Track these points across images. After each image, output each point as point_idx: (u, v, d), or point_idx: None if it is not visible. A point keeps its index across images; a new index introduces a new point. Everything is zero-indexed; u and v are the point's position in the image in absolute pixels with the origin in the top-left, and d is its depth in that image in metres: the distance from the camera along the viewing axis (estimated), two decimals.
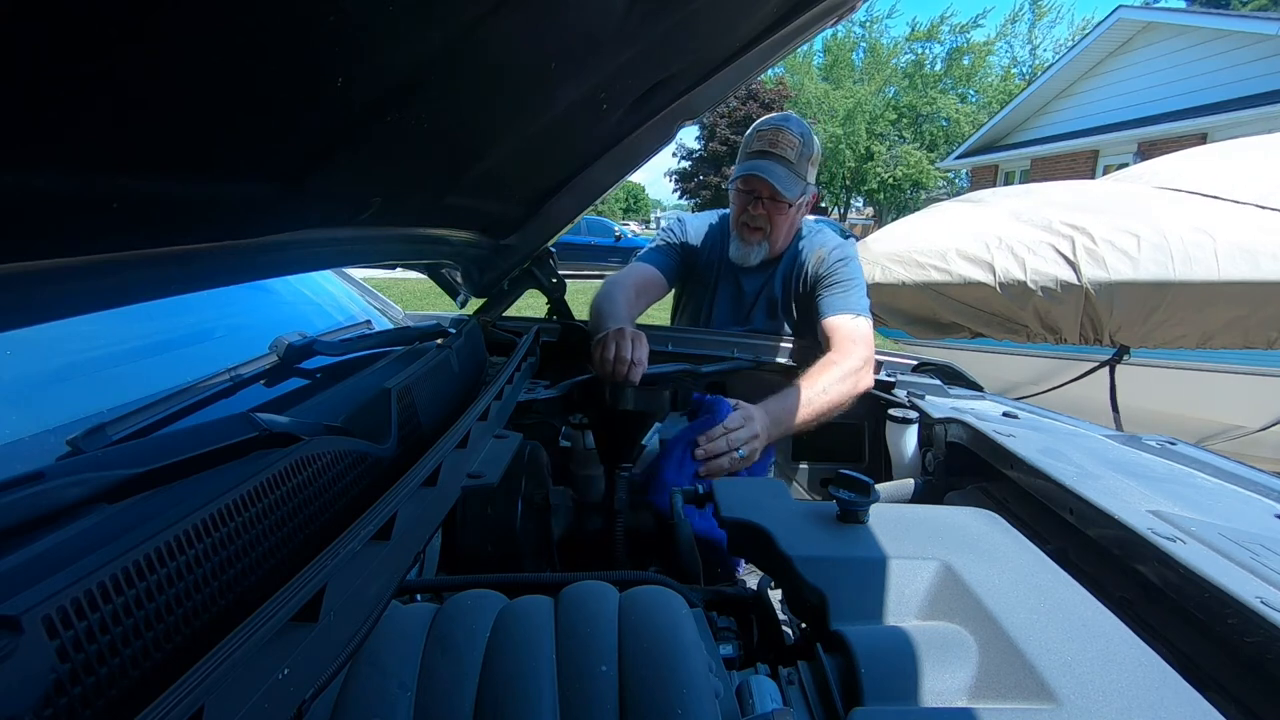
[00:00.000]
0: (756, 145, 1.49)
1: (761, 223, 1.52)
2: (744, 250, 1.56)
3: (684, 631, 0.52)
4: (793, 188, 1.46)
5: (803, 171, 1.49)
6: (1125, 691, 0.48)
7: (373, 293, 1.62)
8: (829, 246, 1.53)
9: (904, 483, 1.23)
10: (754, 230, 1.53)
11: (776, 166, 1.45)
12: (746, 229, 1.54)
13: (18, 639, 0.28)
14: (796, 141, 1.47)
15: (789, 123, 1.50)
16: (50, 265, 0.45)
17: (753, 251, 1.56)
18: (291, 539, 0.50)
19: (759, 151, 1.48)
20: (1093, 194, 2.81)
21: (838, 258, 1.50)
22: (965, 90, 24.21)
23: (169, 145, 0.44)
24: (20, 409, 0.64)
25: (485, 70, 0.62)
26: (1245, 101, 9.48)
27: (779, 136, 1.47)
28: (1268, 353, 2.24)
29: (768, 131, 1.49)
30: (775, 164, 1.45)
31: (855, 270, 1.51)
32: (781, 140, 1.46)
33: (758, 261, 1.58)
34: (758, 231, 1.53)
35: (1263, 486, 0.93)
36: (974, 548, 0.68)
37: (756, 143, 1.50)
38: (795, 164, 1.47)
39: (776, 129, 1.48)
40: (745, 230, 1.55)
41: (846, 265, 1.49)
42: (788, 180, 1.45)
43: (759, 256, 1.56)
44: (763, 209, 1.50)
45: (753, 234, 1.54)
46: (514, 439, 0.89)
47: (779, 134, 1.47)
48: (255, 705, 0.35)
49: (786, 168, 1.46)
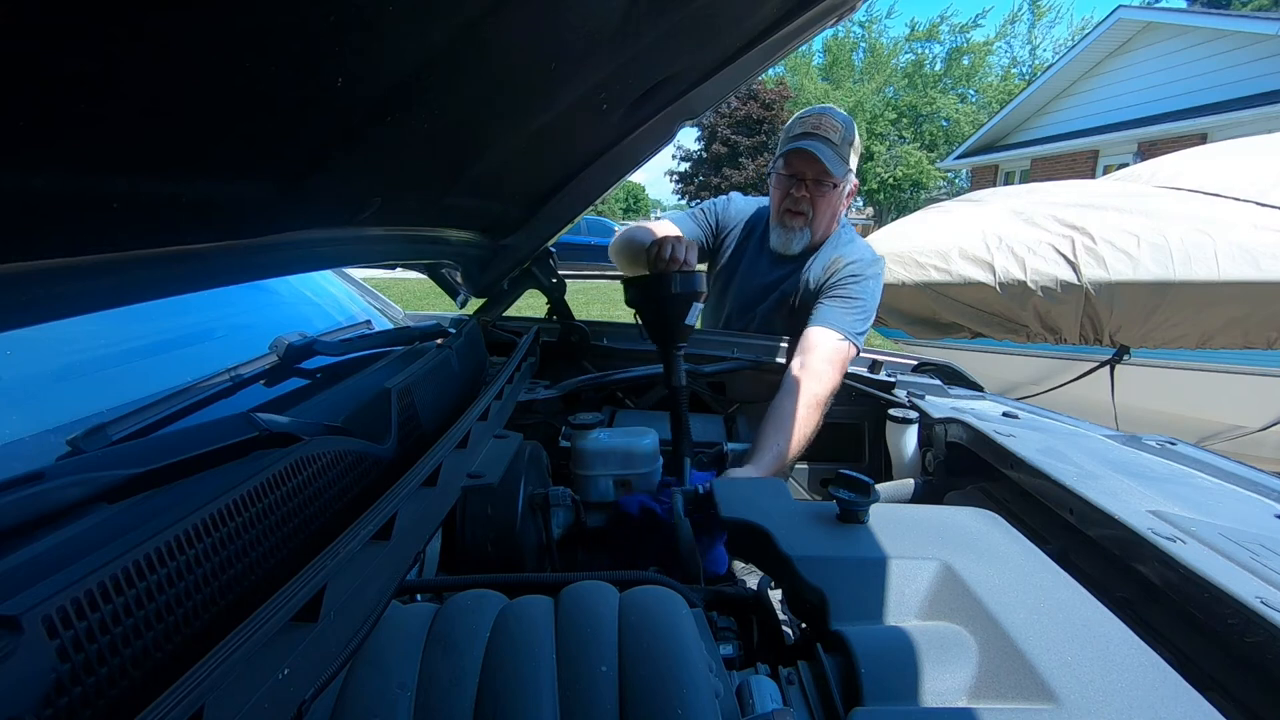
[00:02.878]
0: (799, 129, 1.47)
1: (804, 206, 1.48)
2: (785, 237, 1.52)
3: (684, 631, 0.52)
4: (839, 166, 1.44)
5: (845, 155, 1.47)
6: (1125, 691, 0.48)
7: (373, 293, 1.62)
8: (850, 257, 1.48)
9: (904, 483, 1.23)
10: (796, 215, 1.50)
11: (823, 146, 1.43)
12: (789, 214, 1.50)
13: (18, 639, 0.28)
14: (839, 126, 1.46)
15: (830, 110, 1.49)
16: (50, 265, 0.45)
17: (794, 238, 1.51)
18: (292, 539, 0.50)
19: (802, 134, 1.46)
20: (1093, 193, 2.81)
21: (853, 272, 1.45)
22: (965, 90, 24.22)
23: (169, 145, 0.44)
24: (20, 409, 0.64)
25: (485, 70, 0.62)
26: (1245, 101, 9.48)
27: (822, 120, 1.46)
28: (1268, 352, 2.24)
29: (810, 117, 1.48)
30: (821, 144, 1.43)
31: (867, 291, 1.44)
32: (824, 124, 1.45)
33: (799, 249, 1.53)
34: (800, 216, 1.49)
35: (1263, 486, 0.93)
36: (974, 548, 0.68)
37: (799, 127, 1.48)
38: (839, 146, 1.45)
39: (819, 115, 1.48)
40: (787, 216, 1.51)
41: (859, 283, 1.44)
42: (834, 160, 1.43)
43: (800, 244, 1.52)
44: (805, 191, 1.47)
45: (795, 218, 1.50)
46: (514, 439, 0.89)
47: (822, 119, 1.47)
48: (255, 705, 0.35)
49: (832, 149, 1.44)
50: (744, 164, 20.55)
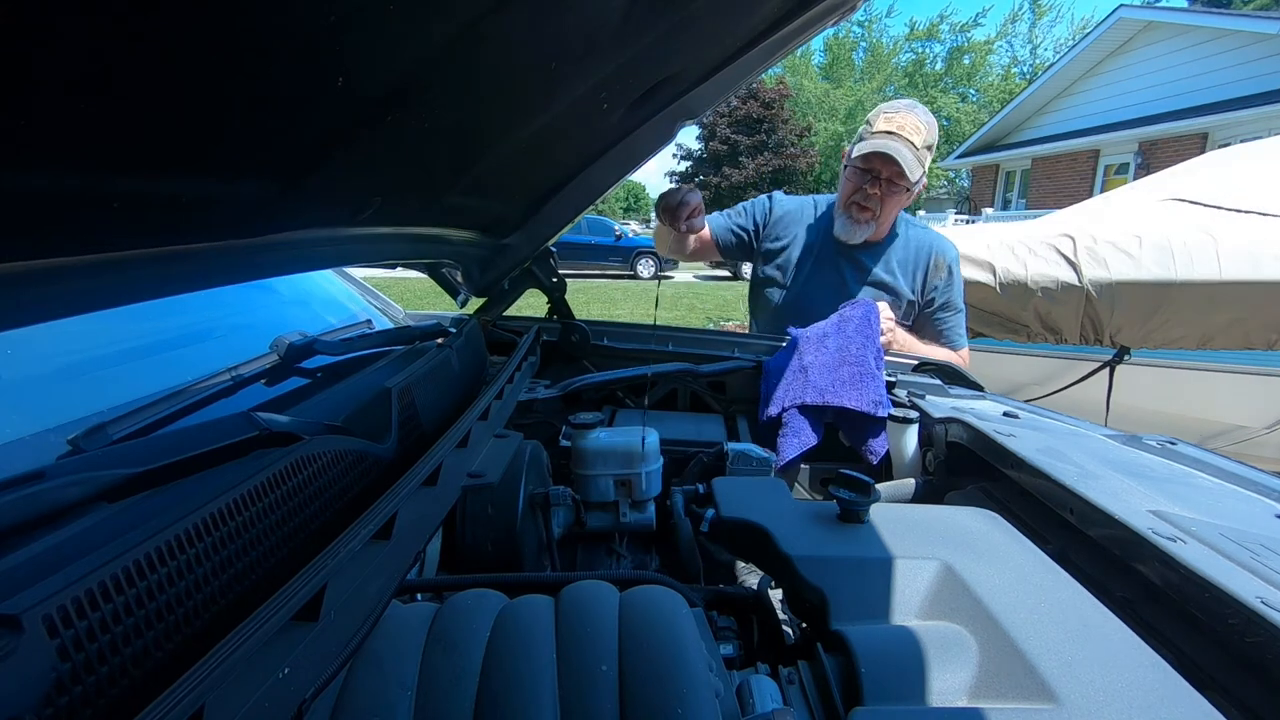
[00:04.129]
0: (882, 126, 1.47)
1: (874, 204, 1.52)
2: (850, 228, 1.57)
3: (684, 631, 0.52)
4: (915, 171, 1.45)
5: (923, 159, 1.48)
6: (1125, 691, 0.48)
7: (373, 292, 1.62)
8: (949, 256, 1.62)
9: (904, 483, 1.22)
10: (864, 209, 1.54)
11: (904, 149, 1.44)
12: (857, 207, 1.55)
13: (18, 638, 0.28)
14: (922, 128, 1.46)
15: (916, 110, 1.49)
16: (50, 265, 0.45)
17: (859, 230, 1.57)
18: (292, 538, 0.50)
19: (885, 132, 1.46)
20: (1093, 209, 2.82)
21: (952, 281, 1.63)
22: (966, 89, 24.22)
23: (169, 145, 0.44)
24: (21, 408, 0.64)
25: (485, 70, 0.62)
26: (1245, 101, 9.48)
27: (907, 120, 1.46)
28: (1269, 353, 2.23)
29: (895, 114, 1.48)
30: (903, 146, 1.44)
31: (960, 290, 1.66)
32: (908, 125, 1.45)
33: (861, 240, 1.59)
34: (867, 211, 1.54)
35: (1263, 486, 0.93)
36: (974, 548, 0.68)
37: (883, 123, 1.48)
38: (919, 150, 1.46)
39: (905, 113, 1.47)
40: (855, 209, 1.55)
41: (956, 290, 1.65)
42: (912, 164, 1.44)
43: (863, 235, 1.58)
44: (878, 190, 1.50)
45: (862, 212, 1.54)
46: (514, 439, 0.89)
47: (907, 118, 1.46)
48: (256, 704, 0.35)
49: (912, 152, 1.45)
50: (744, 163, 20.53)
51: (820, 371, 1.30)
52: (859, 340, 1.33)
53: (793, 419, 1.27)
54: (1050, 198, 12.42)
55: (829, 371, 1.30)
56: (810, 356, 1.34)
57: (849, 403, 1.23)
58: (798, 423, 1.26)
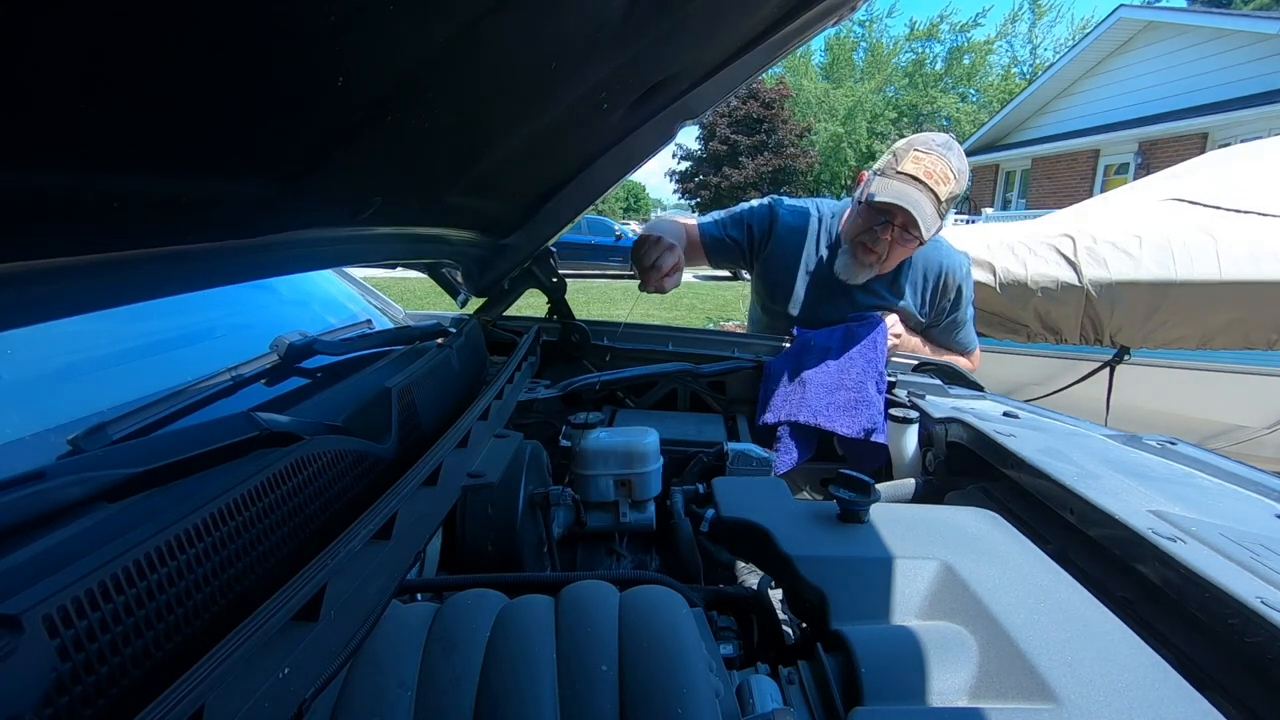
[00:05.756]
0: (910, 168, 1.35)
1: (882, 249, 1.43)
2: (853, 268, 1.50)
3: (684, 631, 0.52)
4: (931, 226, 1.36)
5: (944, 211, 1.39)
6: (1125, 691, 0.48)
7: (373, 292, 1.62)
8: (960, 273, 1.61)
9: (904, 483, 1.22)
10: (870, 251, 1.45)
11: (925, 203, 1.33)
12: (863, 248, 1.46)
13: (18, 638, 0.28)
14: (952, 178, 1.36)
15: (950, 153, 1.37)
16: (50, 265, 0.45)
17: (862, 272, 1.50)
18: (292, 538, 0.50)
19: (911, 176, 1.35)
20: (1093, 209, 2.82)
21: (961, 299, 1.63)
22: (966, 89, 24.23)
23: (168, 145, 0.44)
24: (21, 408, 0.64)
25: (485, 70, 0.62)
26: (1245, 101, 9.48)
27: (936, 167, 1.34)
28: (1269, 353, 2.23)
29: (926, 156, 1.36)
30: (925, 199, 1.33)
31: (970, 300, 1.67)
32: (937, 172, 1.34)
33: (862, 281, 1.53)
34: (873, 254, 1.45)
35: (1263, 486, 0.93)
36: (974, 548, 0.68)
37: (910, 164, 1.36)
38: (943, 202, 1.36)
39: (938, 158, 1.36)
40: (861, 250, 1.47)
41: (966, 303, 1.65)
42: (930, 219, 1.34)
43: (865, 278, 1.51)
44: (889, 235, 1.41)
45: (868, 254, 1.46)
46: (514, 439, 0.89)
47: (937, 163, 1.35)
48: (256, 704, 0.35)
49: (934, 205, 1.35)
50: (744, 163, 20.54)
51: (817, 391, 1.29)
52: (861, 364, 1.32)
53: (785, 435, 1.28)
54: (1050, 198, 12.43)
55: (826, 393, 1.29)
56: (810, 370, 1.33)
57: (840, 429, 1.25)
58: (790, 439, 1.28)
